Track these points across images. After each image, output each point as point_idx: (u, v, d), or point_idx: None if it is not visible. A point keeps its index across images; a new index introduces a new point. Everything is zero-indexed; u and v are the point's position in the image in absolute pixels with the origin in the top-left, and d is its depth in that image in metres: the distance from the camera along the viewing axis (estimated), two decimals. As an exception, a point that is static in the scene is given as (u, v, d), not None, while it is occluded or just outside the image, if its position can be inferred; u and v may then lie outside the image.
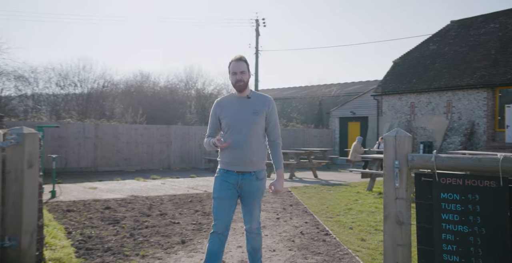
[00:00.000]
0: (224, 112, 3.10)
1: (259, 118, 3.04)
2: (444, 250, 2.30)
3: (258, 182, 3.04)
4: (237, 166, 3.01)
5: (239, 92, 3.10)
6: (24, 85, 22.50)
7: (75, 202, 7.14)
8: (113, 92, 26.90)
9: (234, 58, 3.10)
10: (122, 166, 14.88)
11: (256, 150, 3.02)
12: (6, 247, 3.31)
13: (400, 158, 2.50)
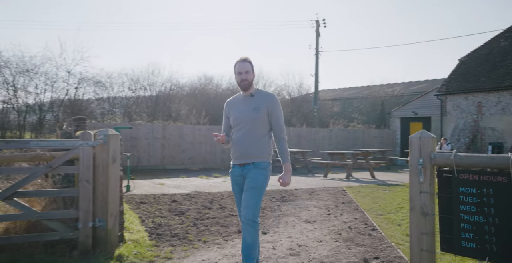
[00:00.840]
0: (231, 111, 3.33)
1: (259, 114, 3.18)
2: (462, 237, 2.59)
3: (257, 170, 3.13)
4: (238, 159, 3.22)
5: (243, 91, 3.30)
6: (101, 90, 24.63)
7: (146, 196, 8.01)
8: (179, 95, 28.44)
9: (239, 59, 3.29)
10: (187, 165, 15.94)
11: (257, 144, 3.16)
12: (97, 227, 4.06)
13: (424, 156, 2.81)
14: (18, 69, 20.50)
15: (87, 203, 4.03)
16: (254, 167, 3.15)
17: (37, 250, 3.96)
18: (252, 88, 3.31)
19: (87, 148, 4.07)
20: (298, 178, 12.23)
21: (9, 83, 20.34)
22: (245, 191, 3.12)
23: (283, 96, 32.10)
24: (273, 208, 6.87)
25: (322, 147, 18.83)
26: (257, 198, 3.08)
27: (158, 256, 4.04)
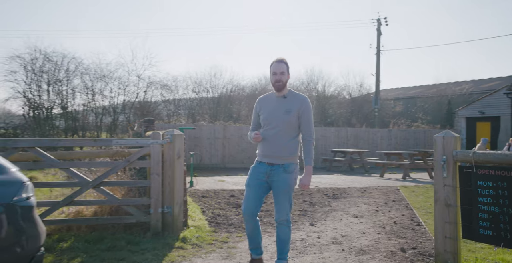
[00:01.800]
0: (262, 109, 3.42)
1: (290, 117, 3.28)
2: (480, 226, 2.87)
3: (286, 175, 3.27)
4: (267, 157, 3.32)
5: (277, 91, 3.37)
6: (168, 93, 26.29)
7: (207, 191, 8.77)
8: (240, 96, 29.42)
9: (276, 59, 3.37)
10: (246, 164, 16.67)
11: (286, 145, 3.28)
12: (165, 213, 4.77)
13: (447, 153, 3.12)
14: (96, 75, 22.62)
15: (157, 192, 4.75)
16: (284, 170, 3.26)
17: (118, 230, 4.76)
18: (286, 90, 3.38)
19: (157, 145, 4.79)
20: (354, 177, 12.41)
21: (88, 88, 22.51)
22: (278, 194, 3.28)
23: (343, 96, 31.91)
24: (324, 203, 7.26)
25: (380, 147, 18.66)
26: (289, 200, 3.30)
27: (216, 240, 4.66)
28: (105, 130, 23.03)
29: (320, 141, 18.12)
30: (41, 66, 20.91)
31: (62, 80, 21.89)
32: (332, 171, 14.98)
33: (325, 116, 29.69)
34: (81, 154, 5.21)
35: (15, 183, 2.86)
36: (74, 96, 22.53)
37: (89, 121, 23.38)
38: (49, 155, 4.48)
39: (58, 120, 22.47)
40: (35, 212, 2.94)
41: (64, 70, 21.76)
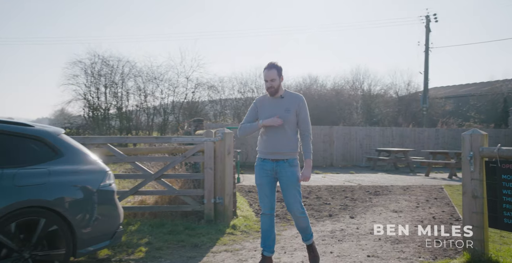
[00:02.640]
0: (261, 110, 3.56)
1: (290, 115, 3.46)
2: (504, 215, 3.14)
3: (291, 168, 3.45)
4: (271, 154, 3.47)
5: (271, 95, 3.54)
6: (214, 93, 27.22)
7: (254, 186, 9.29)
8: (284, 97, 29.79)
9: (266, 65, 3.51)
10: (290, 162, 17.10)
11: (288, 142, 3.45)
12: (217, 203, 5.32)
13: (474, 150, 3.40)
14: (148, 77, 23.95)
15: (210, 184, 5.32)
16: (289, 164, 3.44)
17: (176, 217, 5.38)
18: (281, 91, 3.55)
19: (210, 143, 5.36)
20: (398, 176, 12.47)
21: (141, 89, 23.88)
22: (287, 189, 3.47)
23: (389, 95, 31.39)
24: (365, 199, 7.54)
25: (427, 146, 18.36)
26: (299, 192, 3.51)
27: (262, 228, 5.15)
28: (156, 129, 24.32)
29: (364, 140, 18.16)
30: (99, 70, 22.52)
31: (118, 83, 23.41)
32: (376, 170, 15.04)
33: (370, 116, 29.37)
34: (144, 150, 5.91)
35: (101, 172, 3.51)
36: (128, 98, 24.00)
37: (141, 121, 24.78)
38: (119, 151, 5.18)
39: (114, 120, 24.05)
40: (115, 196, 3.57)
41: (119, 74, 23.26)
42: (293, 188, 3.47)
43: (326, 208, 6.65)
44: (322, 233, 4.96)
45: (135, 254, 4.02)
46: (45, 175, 3.08)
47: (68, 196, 3.18)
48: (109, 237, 3.48)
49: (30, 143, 3.19)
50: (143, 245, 4.26)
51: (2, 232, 2.75)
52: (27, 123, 3.31)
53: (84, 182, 3.33)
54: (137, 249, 4.15)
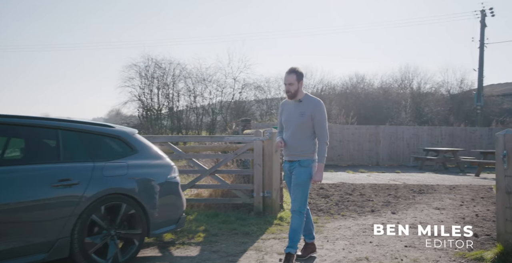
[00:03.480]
0: (283, 113, 3.83)
1: (304, 119, 3.62)
2: (534, 211, 3.36)
3: (301, 169, 3.64)
4: (287, 156, 3.76)
5: (289, 99, 3.74)
6: (261, 93, 27.84)
7: (299, 183, 9.71)
8: (330, 95, 29.82)
9: (287, 70, 3.71)
10: (335, 161, 17.28)
11: (301, 144, 3.64)
12: (265, 197, 5.81)
13: (507, 148, 3.63)
14: (197, 78, 24.99)
15: (259, 179, 5.81)
16: (299, 165, 3.64)
17: (228, 209, 5.93)
18: (301, 94, 3.71)
19: (259, 141, 5.85)
20: (446, 176, 12.35)
21: (190, 90, 24.98)
22: (293, 186, 3.69)
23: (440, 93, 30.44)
24: (408, 197, 7.72)
25: (479, 146, 17.81)
26: (302, 192, 3.62)
27: (307, 220, 5.57)
28: (205, 129, 25.33)
29: (412, 139, 17.95)
30: (152, 72, 23.87)
31: (169, 84, 24.65)
32: (424, 169, 14.90)
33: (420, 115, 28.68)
34: (199, 148, 6.52)
35: (168, 166, 4.10)
36: (179, 98, 25.20)
37: (191, 120, 25.90)
38: (178, 148, 5.81)
39: (166, 120, 25.33)
40: (180, 187, 4.15)
41: (171, 76, 24.51)
42: (297, 187, 3.63)
43: (369, 204, 6.94)
44: (364, 225, 5.30)
45: (195, 239, 4.59)
46: (124, 168, 3.70)
47: (143, 186, 3.78)
48: (174, 222, 4.07)
49: (112, 141, 3.83)
50: (201, 232, 4.83)
51: (95, 213, 3.39)
52: (109, 125, 3.96)
53: (155, 174, 3.94)
54: (196, 234, 4.73)
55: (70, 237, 3.26)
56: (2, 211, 2.94)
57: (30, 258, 3.07)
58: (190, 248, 4.26)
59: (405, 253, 4.07)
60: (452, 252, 4.10)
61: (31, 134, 3.40)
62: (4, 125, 3.28)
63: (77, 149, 3.54)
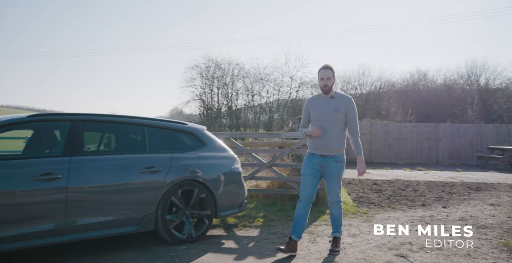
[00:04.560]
0: (312, 109, 3.88)
1: (339, 115, 3.76)
2: None
3: (336, 164, 3.80)
4: (320, 150, 3.81)
5: (324, 94, 3.83)
6: (317, 91, 28.02)
7: (353, 179, 10.01)
8: (389, 93, 29.29)
9: (322, 66, 3.82)
10: (393, 159, 17.18)
11: (335, 139, 3.77)
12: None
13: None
14: (255, 78, 25.81)
15: (313, 172, 6.30)
16: (335, 160, 3.79)
17: (284, 200, 6.48)
18: (332, 91, 3.85)
19: (312, 137, 6.34)
20: (510, 175, 11.95)
21: (248, 90, 25.85)
22: (331, 180, 3.84)
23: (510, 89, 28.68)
24: (463, 193, 7.79)
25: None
26: (339, 184, 3.88)
27: (357, 211, 5.97)
28: (262, 127, 26.09)
29: (475, 137, 17.35)
30: (213, 73, 25.06)
31: (228, 84, 25.70)
32: (487, 168, 14.42)
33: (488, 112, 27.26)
34: (257, 144, 7.14)
35: (232, 158, 4.74)
36: (237, 97, 26.19)
37: (249, 118, 26.78)
38: (239, 144, 6.46)
39: (225, 118, 26.45)
40: (242, 177, 4.78)
41: (230, 76, 25.56)
42: (335, 181, 3.84)
43: (421, 199, 7.15)
44: (412, 217, 5.60)
45: (255, 223, 5.20)
46: (196, 159, 4.39)
47: (211, 174, 4.44)
48: (237, 206, 4.70)
49: (186, 136, 4.53)
50: (260, 217, 5.43)
51: (174, 195, 4.10)
52: (184, 122, 4.68)
53: (221, 165, 4.59)
54: (256, 219, 5.34)
55: (155, 214, 3.99)
56: (107, 190, 3.72)
57: (127, 228, 3.84)
58: (250, 230, 4.87)
59: (447, 240, 4.38)
60: (495, 240, 4.33)
61: (124, 130, 4.19)
62: (103, 123, 4.09)
63: (159, 142, 4.28)
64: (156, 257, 3.73)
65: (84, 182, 3.60)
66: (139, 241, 4.23)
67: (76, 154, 3.66)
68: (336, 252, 3.89)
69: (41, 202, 3.38)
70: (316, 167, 3.84)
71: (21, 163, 3.43)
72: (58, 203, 3.44)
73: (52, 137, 3.88)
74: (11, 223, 3.24)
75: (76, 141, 3.72)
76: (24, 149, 3.89)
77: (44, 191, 3.38)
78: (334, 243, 3.97)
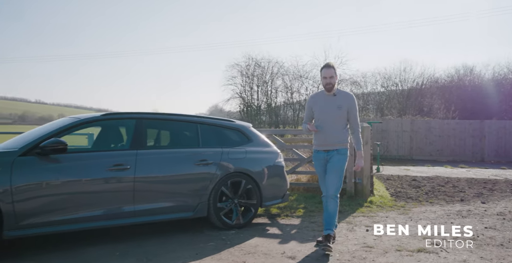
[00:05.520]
0: (315, 106, 3.98)
1: (341, 112, 3.88)
2: None
3: (340, 156, 3.89)
4: (323, 146, 3.94)
5: (327, 91, 3.94)
6: (357, 89, 27.88)
7: (392, 175, 10.16)
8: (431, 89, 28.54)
9: (325, 65, 3.94)
10: (434, 156, 16.96)
11: (338, 135, 3.91)
12: (357, 183, 6.59)
13: None
14: (294, 75, 26.06)
15: (351, 167, 6.60)
16: (337, 153, 3.89)
17: (324, 193, 6.82)
18: (335, 89, 3.96)
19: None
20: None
21: (288, 87, 26.15)
22: (330, 173, 3.86)
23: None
24: (505, 190, 7.78)
25: None
26: (339, 178, 3.85)
27: (395, 205, 6.22)
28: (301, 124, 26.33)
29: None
30: (253, 71, 25.58)
31: (268, 82, 26.12)
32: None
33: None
34: (297, 140, 7.51)
35: (275, 152, 5.16)
36: (277, 95, 26.55)
37: (288, 116, 27.09)
38: (281, 140, 6.87)
39: (264, 115, 26.90)
40: (284, 170, 5.18)
41: (269, 74, 25.96)
42: (335, 173, 3.85)
43: (460, 194, 7.25)
44: (449, 211, 5.79)
45: (296, 213, 5.60)
46: (243, 153, 4.84)
47: (257, 167, 4.88)
48: (280, 197, 5.12)
49: (234, 132, 5.00)
50: (300, 208, 5.82)
51: (224, 186, 4.58)
52: (231, 120, 5.15)
53: (265, 158, 5.01)
54: (297, 210, 5.73)
55: (207, 201, 4.48)
56: (167, 179, 4.24)
57: (183, 214, 4.36)
58: (292, 219, 5.27)
59: (483, 232, 4.57)
60: (530, 234, 4.48)
61: (181, 127, 4.71)
62: (163, 121, 4.62)
63: (210, 138, 4.77)
64: (210, 240, 4.21)
65: (148, 172, 4.14)
66: (194, 226, 4.74)
67: (141, 148, 4.21)
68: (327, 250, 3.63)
69: (114, 189, 3.94)
70: (323, 163, 3.96)
71: (97, 155, 4.02)
72: (128, 190, 3.99)
73: (121, 133, 4.47)
74: (92, 205, 3.82)
75: (141, 136, 4.27)
76: (98, 143, 4.50)
77: (116, 179, 3.95)
78: (326, 240, 3.73)
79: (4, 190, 3.39)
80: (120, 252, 3.74)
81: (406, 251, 3.84)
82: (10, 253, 3.67)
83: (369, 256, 3.70)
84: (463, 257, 3.71)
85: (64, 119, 4.33)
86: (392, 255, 3.74)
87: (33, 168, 3.58)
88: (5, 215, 3.39)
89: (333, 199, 3.82)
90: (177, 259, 3.58)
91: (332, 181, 3.83)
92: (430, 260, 3.60)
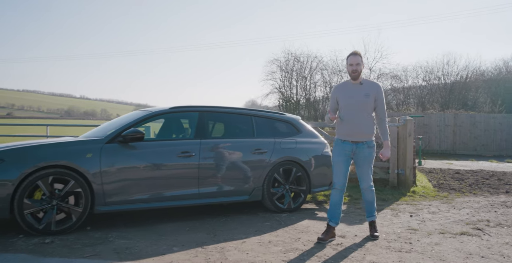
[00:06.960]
0: (341, 95, 3.89)
1: (369, 100, 3.79)
2: None
3: (369, 149, 3.85)
4: (351, 136, 3.82)
5: (353, 80, 3.86)
6: (397, 83, 27.52)
7: (434, 169, 10.24)
8: (476, 82, 27.66)
9: (351, 52, 3.86)
10: (479, 151, 16.65)
11: (366, 124, 3.81)
12: (399, 173, 6.84)
13: None
14: (333, 70, 26.09)
15: (394, 159, 6.86)
16: (367, 146, 3.84)
17: (367, 183, 7.11)
18: (361, 78, 3.88)
19: (394, 127, 6.87)
20: None
21: (326, 82, 26.23)
22: (362, 166, 3.88)
23: None
24: (551, 184, 7.75)
25: None
26: (371, 170, 3.93)
27: (437, 195, 6.43)
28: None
29: None
30: (292, 66, 25.85)
31: (306, 77, 26.31)
32: None
33: None
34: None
35: (323, 143, 5.54)
36: (315, 89, 26.69)
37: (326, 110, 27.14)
38: (325, 132, 7.22)
39: (303, 110, 27.13)
40: (331, 159, 5.54)
41: (308, 69, 26.14)
42: (367, 166, 3.89)
43: (505, 187, 7.32)
44: (493, 202, 5.94)
45: (342, 200, 5.95)
46: (294, 143, 5.25)
47: (306, 156, 5.28)
48: (327, 185, 5.50)
49: (285, 124, 5.42)
50: (345, 196, 6.16)
51: (276, 173, 5.02)
52: (282, 113, 5.57)
53: (314, 149, 5.40)
54: (342, 198, 6.08)
55: (262, 187, 4.94)
56: (226, 166, 4.73)
57: (240, 197, 4.84)
58: (338, 205, 5.64)
59: (525, 220, 4.76)
60: None
61: (238, 119, 5.19)
62: (222, 113, 5.10)
63: (264, 129, 5.21)
64: (265, 220, 4.67)
65: (210, 159, 4.65)
66: (250, 209, 5.21)
67: (204, 137, 4.72)
68: (376, 237, 3.92)
69: (182, 173, 4.48)
70: (348, 153, 3.86)
71: (167, 144, 4.57)
72: (193, 174, 4.52)
73: (187, 124, 5.01)
74: (164, 186, 4.37)
75: (203, 127, 4.78)
76: (165, 133, 5.06)
77: (183, 165, 4.48)
78: (373, 228, 3.99)
79: (95, 172, 4.00)
80: (189, 227, 4.27)
81: (450, 234, 4.13)
82: (106, 222, 4.29)
83: (414, 237, 4.02)
84: (506, 240, 3.95)
85: (138, 112, 4.91)
86: (436, 236, 4.04)
87: (116, 153, 4.17)
88: (96, 193, 4.00)
89: (371, 189, 3.96)
90: (240, 234, 4.06)
91: (367, 174, 3.90)
92: (473, 242, 3.87)
